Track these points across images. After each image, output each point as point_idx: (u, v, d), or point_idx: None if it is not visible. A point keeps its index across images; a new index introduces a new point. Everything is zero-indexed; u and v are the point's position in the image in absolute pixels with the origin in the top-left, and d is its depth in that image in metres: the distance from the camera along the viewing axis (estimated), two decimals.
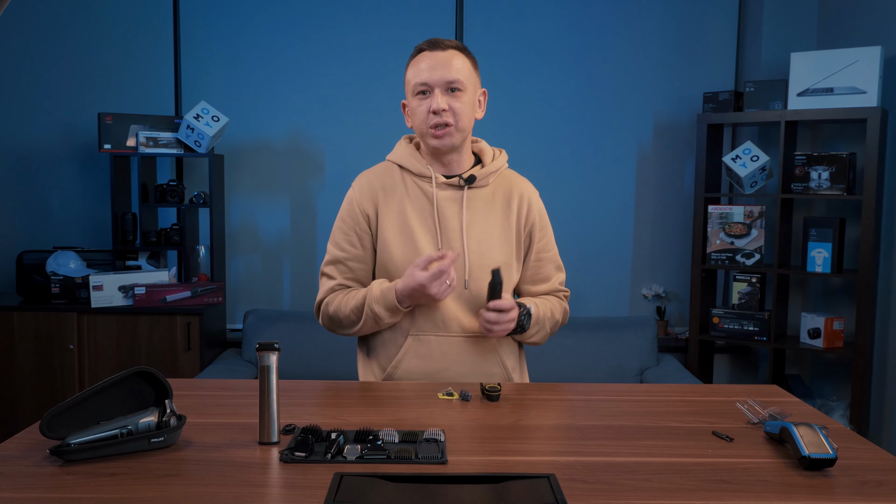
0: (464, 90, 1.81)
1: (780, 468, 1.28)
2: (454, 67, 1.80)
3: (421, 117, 1.82)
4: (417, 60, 1.84)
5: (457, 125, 1.81)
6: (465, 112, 1.82)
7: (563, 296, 2.03)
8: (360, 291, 1.85)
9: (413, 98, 1.84)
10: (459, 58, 1.82)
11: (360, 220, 1.89)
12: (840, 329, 3.54)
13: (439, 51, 1.81)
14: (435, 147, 1.83)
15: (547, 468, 1.25)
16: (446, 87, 1.80)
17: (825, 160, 3.46)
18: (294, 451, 1.28)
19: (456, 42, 1.85)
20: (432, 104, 1.79)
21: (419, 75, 1.81)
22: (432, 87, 1.80)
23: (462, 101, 1.81)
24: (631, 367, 3.58)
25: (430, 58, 1.81)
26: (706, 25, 3.97)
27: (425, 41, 1.85)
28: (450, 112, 1.79)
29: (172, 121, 3.74)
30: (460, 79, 1.80)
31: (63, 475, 1.20)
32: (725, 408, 1.64)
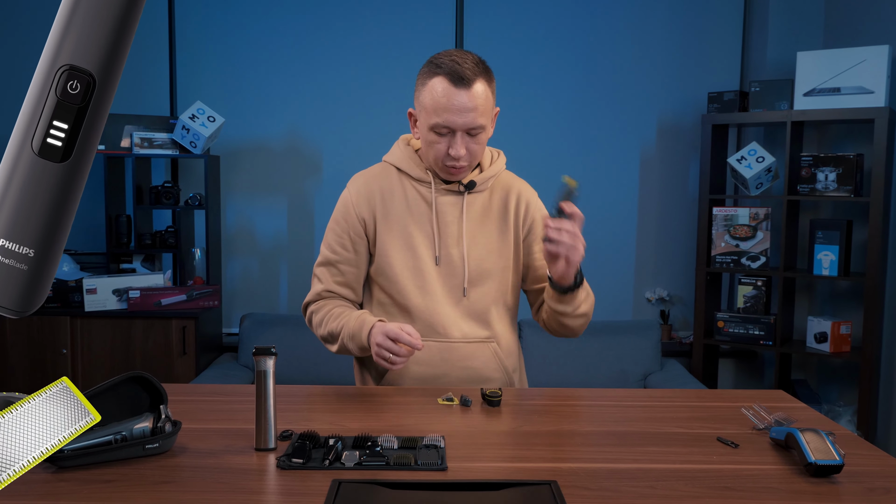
0: (484, 130, 1.78)
1: (786, 475, 1.28)
2: (478, 111, 1.73)
3: (437, 154, 1.78)
4: (439, 90, 1.72)
5: (471, 164, 1.81)
6: (482, 150, 1.81)
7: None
8: (342, 317, 1.81)
9: (429, 132, 1.77)
10: (483, 88, 1.74)
11: (355, 224, 1.88)
12: (847, 333, 3.54)
13: (464, 89, 1.70)
14: (445, 177, 1.84)
15: (549, 475, 1.25)
16: (468, 131, 1.76)
17: (832, 161, 3.46)
18: (291, 458, 1.28)
19: (477, 65, 1.74)
20: (451, 149, 1.75)
21: (440, 114, 1.72)
22: (454, 131, 1.75)
23: (480, 141, 1.78)
24: (634, 371, 3.58)
25: (456, 97, 1.71)
26: (711, 24, 3.97)
27: (446, 59, 1.73)
28: (468, 154, 1.78)
29: (167, 121, 3.75)
30: (483, 123, 1.76)
31: (56, 482, 1.20)
32: (730, 413, 1.64)
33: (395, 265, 1.84)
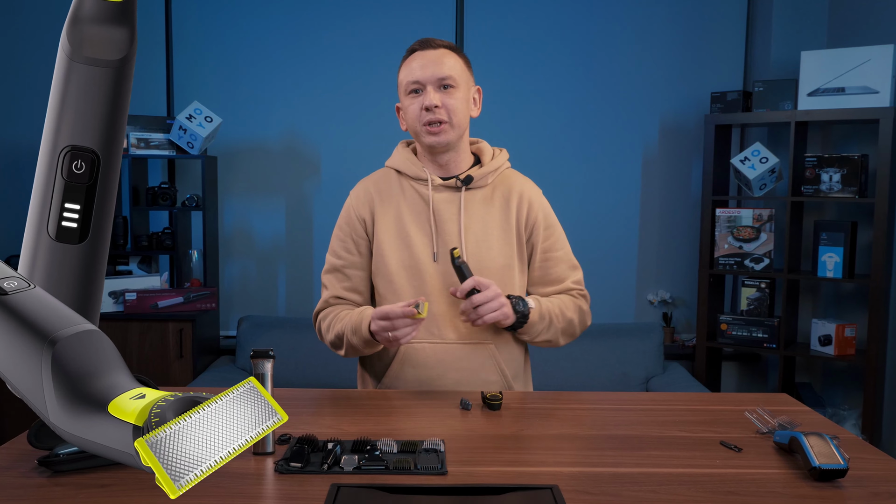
0: (456, 87, 1.84)
1: (789, 479, 1.28)
2: (446, 64, 1.83)
3: (414, 115, 1.84)
4: (409, 61, 1.86)
5: (451, 122, 1.83)
6: (459, 109, 1.84)
7: (578, 293, 1.95)
8: (346, 317, 1.83)
9: (406, 97, 1.86)
10: (451, 56, 1.85)
11: (356, 225, 1.90)
12: (852, 336, 3.54)
13: (430, 49, 1.84)
14: (430, 145, 1.84)
15: (550, 479, 1.25)
16: (438, 84, 1.82)
17: (836, 162, 3.46)
18: (290, 462, 1.28)
19: (447, 42, 1.88)
20: (425, 101, 1.81)
21: (411, 74, 1.84)
22: (424, 85, 1.82)
23: (455, 97, 1.83)
24: (636, 375, 3.58)
25: (422, 57, 1.84)
26: (714, 23, 3.97)
27: (416, 42, 1.89)
28: (443, 109, 1.81)
29: (164, 121, 3.75)
30: (452, 75, 1.83)
31: (51, 486, 1.20)
32: (733, 417, 1.64)
33: (391, 264, 1.85)
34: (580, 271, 1.98)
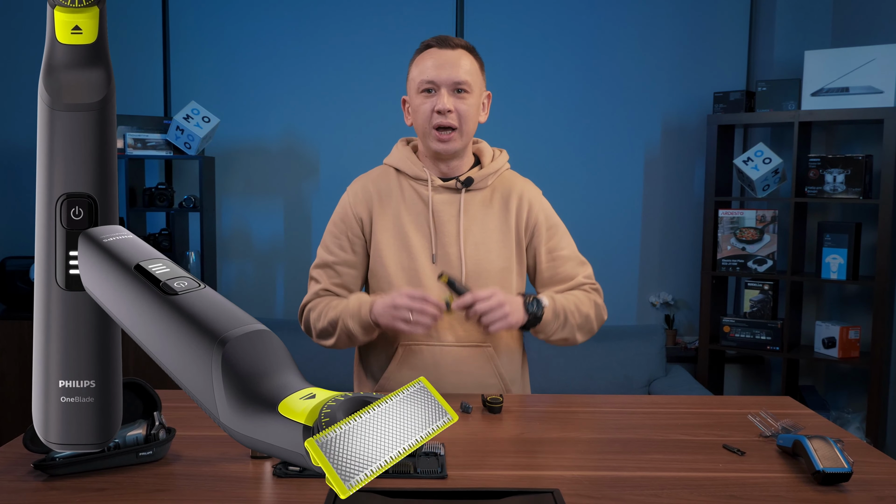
0: (470, 92, 1.81)
1: (793, 483, 1.28)
2: (462, 68, 1.80)
3: (424, 116, 1.82)
4: (424, 57, 1.83)
5: (461, 129, 1.81)
6: (471, 115, 1.82)
7: (591, 288, 1.94)
8: (341, 303, 1.82)
9: (417, 95, 1.83)
10: (468, 58, 1.82)
11: (352, 224, 1.89)
12: (856, 338, 3.54)
13: (448, 49, 1.81)
14: (437, 150, 1.83)
15: (551, 483, 1.25)
16: (453, 88, 1.80)
17: (840, 162, 3.46)
18: (288, 466, 1.28)
19: (465, 42, 1.85)
20: (437, 103, 1.78)
21: (425, 72, 1.80)
22: (439, 86, 1.79)
23: (468, 103, 1.81)
24: (638, 377, 3.59)
25: (439, 56, 1.80)
26: (717, 22, 3.98)
27: (433, 38, 1.85)
28: (455, 114, 1.79)
29: (161, 122, 3.75)
30: (468, 80, 1.80)
31: (47, 490, 1.20)
32: (736, 420, 1.64)
33: (389, 265, 1.84)
34: (589, 266, 1.96)
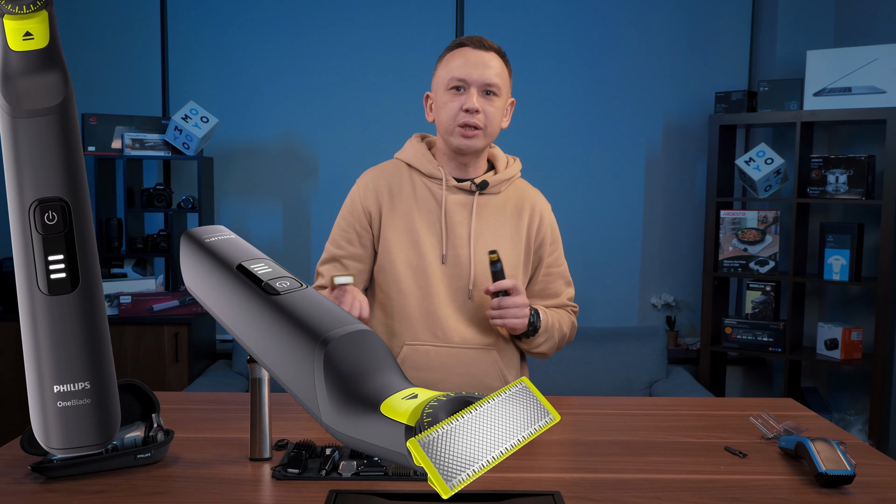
0: (499, 95, 1.83)
1: (795, 485, 1.28)
2: (493, 70, 1.81)
3: (451, 113, 1.81)
4: (456, 55, 1.82)
5: (486, 130, 1.82)
6: (496, 118, 1.84)
7: (571, 310, 2.02)
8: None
9: (445, 92, 1.83)
10: (499, 61, 1.84)
11: (361, 217, 1.89)
12: (858, 340, 3.54)
13: (482, 50, 1.82)
14: (458, 147, 1.83)
15: (552, 485, 1.25)
16: (483, 89, 1.81)
17: (843, 163, 3.46)
18: (287, 468, 1.28)
19: (498, 46, 1.87)
20: (466, 102, 1.79)
21: (457, 70, 1.80)
22: (469, 85, 1.80)
23: (495, 105, 1.82)
24: (639, 379, 3.59)
25: (472, 55, 1.81)
26: (718, 22, 3.98)
27: (467, 37, 1.86)
28: (482, 115, 1.80)
29: (159, 122, 3.76)
30: (498, 83, 1.81)
31: (45, 493, 1.20)
32: (738, 422, 1.64)
33: (398, 263, 1.84)
34: (573, 288, 2.03)
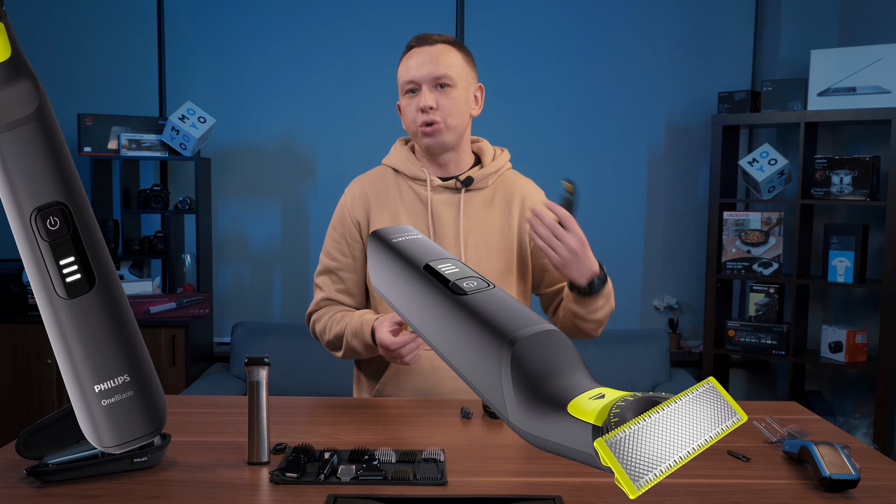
0: (454, 85, 1.81)
1: (799, 490, 1.28)
2: (442, 62, 1.80)
3: (410, 116, 1.83)
4: (406, 58, 1.84)
5: (445, 122, 1.81)
6: (455, 108, 1.82)
7: None
8: (345, 318, 1.83)
9: (403, 97, 1.85)
10: (449, 52, 1.83)
11: (350, 228, 1.89)
12: (863, 342, 3.54)
13: (427, 46, 1.82)
14: (426, 146, 1.84)
15: (553, 490, 1.25)
16: (434, 84, 1.80)
17: (847, 164, 3.46)
18: (285, 472, 1.28)
19: (447, 36, 1.86)
20: (420, 102, 1.80)
21: (406, 73, 1.82)
22: (420, 85, 1.80)
23: (451, 97, 1.81)
24: (642, 382, 3.58)
25: (419, 54, 1.82)
26: (721, 21, 3.98)
27: (413, 38, 1.87)
28: (438, 110, 1.80)
29: (156, 122, 3.76)
30: (448, 73, 1.80)
31: (40, 497, 1.20)
32: (741, 426, 1.64)
33: None
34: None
